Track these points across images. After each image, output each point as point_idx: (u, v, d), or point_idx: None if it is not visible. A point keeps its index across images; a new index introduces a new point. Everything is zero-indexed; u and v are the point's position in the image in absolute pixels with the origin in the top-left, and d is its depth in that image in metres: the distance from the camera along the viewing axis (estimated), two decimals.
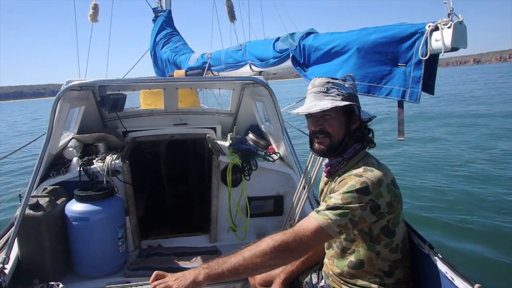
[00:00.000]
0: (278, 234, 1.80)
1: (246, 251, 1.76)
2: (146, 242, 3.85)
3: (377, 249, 1.93)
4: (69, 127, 4.27)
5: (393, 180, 1.90)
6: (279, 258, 1.77)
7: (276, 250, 1.74)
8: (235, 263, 1.72)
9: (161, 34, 7.28)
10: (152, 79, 5.15)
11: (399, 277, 1.98)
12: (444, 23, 2.01)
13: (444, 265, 1.93)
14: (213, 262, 1.75)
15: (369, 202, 1.78)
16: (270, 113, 4.00)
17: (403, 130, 2.31)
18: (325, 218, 1.78)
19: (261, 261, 1.73)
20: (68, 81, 3.22)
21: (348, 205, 1.78)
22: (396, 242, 1.95)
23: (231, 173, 3.73)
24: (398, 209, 1.91)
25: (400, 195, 1.92)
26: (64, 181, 3.48)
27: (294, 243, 1.76)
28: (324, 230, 1.77)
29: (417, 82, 2.17)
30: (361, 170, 1.87)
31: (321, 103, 1.94)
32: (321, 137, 2.02)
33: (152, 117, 5.09)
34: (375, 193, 1.79)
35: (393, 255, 1.95)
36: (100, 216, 3.17)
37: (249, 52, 4.12)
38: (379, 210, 1.82)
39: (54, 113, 3.12)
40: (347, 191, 1.80)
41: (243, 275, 1.77)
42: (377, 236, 1.91)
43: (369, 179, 1.81)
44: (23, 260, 3.01)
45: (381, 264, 1.95)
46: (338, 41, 2.69)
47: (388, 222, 1.89)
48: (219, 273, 1.71)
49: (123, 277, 3.23)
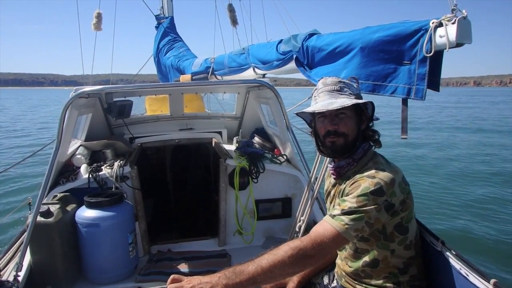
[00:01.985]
0: (295, 241, 1.78)
1: (263, 260, 1.73)
2: (155, 247, 3.87)
3: (392, 247, 1.93)
4: (76, 134, 4.30)
5: (403, 177, 1.91)
6: (297, 266, 1.76)
7: (295, 258, 1.72)
8: (253, 272, 1.69)
9: (164, 40, 7.33)
10: (158, 84, 5.18)
11: (414, 273, 1.98)
12: (448, 19, 2.01)
13: (458, 261, 1.91)
14: (229, 271, 1.71)
15: (383, 202, 1.78)
16: (276, 115, 4.01)
17: (406, 128, 2.30)
18: (342, 223, 1.76)
19: (279, 270, 1.71)
20: (76, 88, 3.26)
21: (363, 208, 1.77)
22: (410, 239, 1.95)
23: (238, 176, 3.74)
24: (410, 205, 1.91)
25: (410, 192, 1.92)
26: (73, 188, 3.50)
27: (313, 250, 1.74)
28: (341, 236, 1.76)
29: (422, 79, 2.17)
30: (373, 171, 1.86)
31: (338, 101, 1.93)
32: (335, 137, 2.00)
33: (158, 122, 5.11)
34: (389, 192, 1.79)
35: (407, 252, 1.95)
36: (110, 222, 3.19)
37: (252, 55, 4.14)
38: (393, 208, 1.82)
39: (63, 121, 3.14)
40: (361, 193, 1.79)
41: (261, 284, 1.74)
42: (391, 234, 1.91)
43: (383, 180, 1.80)
44: (35, 267, 3.03)
45: (396, 262, 1.95)
46: (342, 41, 2.70)
47: (402, 220, 1.89)
48: (236, 283, 1.67)
49: (134, 282, 3.25)
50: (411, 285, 1.97)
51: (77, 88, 3.28)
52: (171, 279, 1.75)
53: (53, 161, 3.17)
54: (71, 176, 3.60)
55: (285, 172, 3.91)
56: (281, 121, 3.84)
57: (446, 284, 1.97)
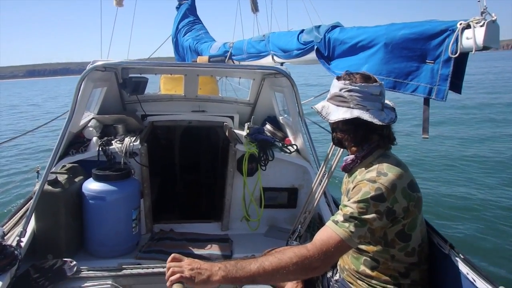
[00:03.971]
0: (302, 249, 1.74)
1: (267, 262, 1.70)
2: (158, 226, 3.88)
3: (392, 252, 1.90)
4: (89, 107, 4.31)
5: (411, 182, 1.85)
6: (301, 274, 1.76)
7: (299, 267, 1.70)
8: (254, 271, 1.68)
9: (184, 21, 7.31)
10: (175, 63, 5.17)
11: (415, 279, 1.95)
12: (477, 21, 1.97)
13: (465, 266, 1.88)
14: (230, 264, 1.70)
15: (385, 209, 1.75)
16: (290, 105, 3.98)
17: (427, 128, 2.27)
18: (346, 231, 1.74)
19: (281, 275, 1.70)
20: (93, 61, 3.25)
21: (364, 215, 1.74)
22: (412, 246, 1.91)
23: (247, 162, 3.73)
24: (415, 213, 1.86)
25: (418, 198, 1.87)
26: (82, 160, 3.52)
27: (319, 261, 1.71)
28: (345, 243, 1.74)
29: (445, 80, 2.14)
30: (375, 174, 1.82)
31: (334, 113, 1.96)
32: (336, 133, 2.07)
33: (171, 102, 5.11)
34: (391, 199, 1.76)
35: (409, 258, 1.92)
36: (116, 196, 3.20)
37: (273, 43, 4.11)
38: (394, 215, 1.78)
39: (78, 92, 3.14)
40: (361, 199, 1.76)
41: (259, 283, 1.73)
42: (392, 241, 1.88)
43: (383, 185, 1.76)
44: (38, 235, 3.06)
45: (397, 266, 1.93)
46: (365, 36, 2.66)
47: (404, 227, 1.85)
48: (235, 277, 1.66)
49: (134, 258, 3.26)
50: None
51: (94, 61, 3.28)
52: (171, 257, 1.74)
53: (65, 131, 3.18)
54: (81, 148, 3.61)
55: (294, 162, 3.89)
56: (294, 110, 3.81)
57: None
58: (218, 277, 1.65)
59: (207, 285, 1.64)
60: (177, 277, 1.64)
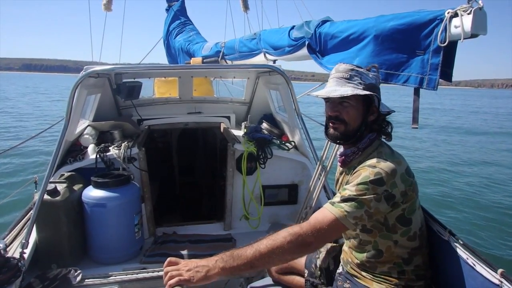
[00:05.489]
0: (295, 227, 1.78)
1: (262, 245, 1.73)
2: (160, 229, 3.89)
3: (394, 238, 1.92)
4: (84, 114, 4.31)
5: (407, 168, 1.89)
6: (296, 252, 1.77)
7: (294, 244, 1.72)
8: (251, 257, 1.70)
9: (174, 23, 7.28)
10: (169, 66, 5.17)
11: (418, 263, 1.97)
12: (464, 9, 1.98)
13: (465, 251, 1.90)
14: (226, 255, 1.73)
15: (383, 192, 1.77)
16: (286, 102, 3.99)
17: (417, 118, 2.30)
18: (341, 210, 1.76)
19: (277, 256, 1.72)
20: (86, 68, 3.25)
21: (362, 196, 1.76)
22: (413, 230, 1.94)
23: (246, 161, 3.75)
24: (413, 197, 1.89)
25: (415, 183, 1.90)
26: (80, 168, 3.51)
27: (312, 237, 1.74)
28: (340, 223, 1.76)
29: (435, 69, 2.16)
30: (375, 160, 1.85)
31: (342, 89, 1.92)
32: (336, 123, 1.99)
33: (167, 105, 5.11)
34: (390, 183, 1.78)
35: (411, 243, 1.94)
36: (117, 203, 3.21)
37: (264, 41, 4.10)
38: (394, 200, 1.80)
39: (72, 100, 3.15)
40: (361, 182, 1.78)
41: (258, 268, 1.76)
42: (393, 226, 1.90)
43: (383, 170, 1.79)
44: (41, 245, 3.06)
45: (400, 252, 1.95)
46: (355, 29, 2.67)
47: (404, 211, 1.88)
48: (233, 267, 1.69)
49: (139, 263, 3.26)
50: (415, 274, 1.97)
51: (87, 67, 3.28)
52: (167, 261, 1.78)
53: (61, 140, 3.18)
54: (78, 156, 3.61)
55: (292, 158, 3.91)
56: (290, 107, 3.82)
57: (452, 273, 1.96)
58: (217, 269, 1.68)
59: (207, 281, 1.68)
60: (176, 280, 1.67)
